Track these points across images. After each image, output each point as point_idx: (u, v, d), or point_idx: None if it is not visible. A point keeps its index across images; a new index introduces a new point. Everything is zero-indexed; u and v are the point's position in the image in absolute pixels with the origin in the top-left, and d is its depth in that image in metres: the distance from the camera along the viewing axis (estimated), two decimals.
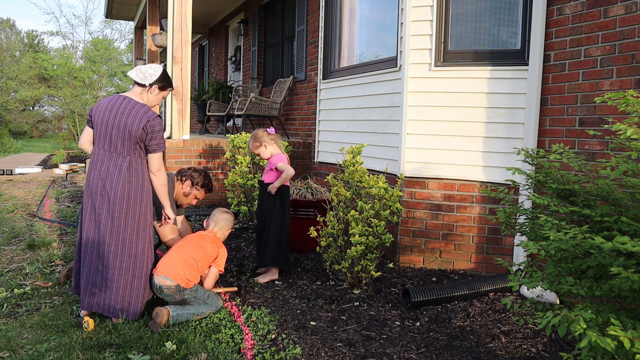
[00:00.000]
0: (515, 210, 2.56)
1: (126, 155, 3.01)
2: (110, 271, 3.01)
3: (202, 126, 9.69)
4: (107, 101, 3.08)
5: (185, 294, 3.11)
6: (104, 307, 3.03)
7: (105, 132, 3.01)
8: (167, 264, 3.13)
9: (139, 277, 3.07)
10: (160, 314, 2.96)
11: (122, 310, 3.04)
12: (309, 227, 3.89)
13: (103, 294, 3.02)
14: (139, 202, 3.04)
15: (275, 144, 3.95)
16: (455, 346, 2.81)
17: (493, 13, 4.11)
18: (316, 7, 7.00)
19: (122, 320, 3.02)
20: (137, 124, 2.97)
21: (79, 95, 21.91)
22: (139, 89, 3.11)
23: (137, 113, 2.99)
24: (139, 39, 12.32)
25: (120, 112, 3.00)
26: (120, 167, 2.99)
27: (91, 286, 3.03)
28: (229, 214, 3.57)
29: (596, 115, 3.37)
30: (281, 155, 3.90)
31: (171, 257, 3.17)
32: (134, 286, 3.05)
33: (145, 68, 3.11)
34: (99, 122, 3.03)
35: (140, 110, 3.01)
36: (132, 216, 3.03)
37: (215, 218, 3.53)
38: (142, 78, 3.08)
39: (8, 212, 6.35)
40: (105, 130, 3.01)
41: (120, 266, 3.02)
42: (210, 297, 3.23)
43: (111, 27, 31.52)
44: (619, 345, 1.60)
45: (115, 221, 3.00)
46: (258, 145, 3.91)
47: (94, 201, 3.02)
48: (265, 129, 3.96)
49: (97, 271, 3.02)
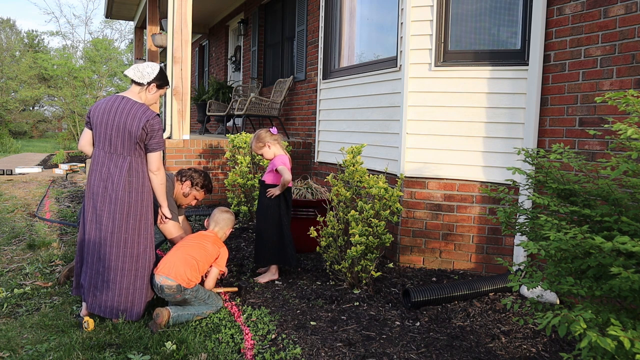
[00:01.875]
0: (515, 210, 2.56)
1: (126, 155, 3.00)
2: (112, 272, 3.01)
3: (202, 126, 9.69)
4: (105, 102, 3.07)
5: (186, 294, 3.10)
6: (106, 309, 3.03)
7: (104, 133, 3.01)
8: (169, 264, 3.13)
9: (141, 277, 3.07)
10: (161, 315, 2.96)
11: (125, 310, 3.04)
12: (309, 227, 3.89)
13: (105, 296, 3.01)
14: (140, 202, 3.04)
15: (278, 144, 3.93)
16: (455, 346, 2.81)
17: (493, 13, 4.11)
18: (316, 7, 7.00)
19: (122, 320, 3.02)
20: (137, 124, 2.96)
21: (79, 95, 21.92)
22: (137, 88, 3.11)
23: (136, 113, 2.99)
24: (139, 39, 12.31)
25: (119, 113, 2.99)
26: (121, 168, 2.99)
27: (93, 288, 3.03)
28: (230, 214, 3.57)
29: (596, 115, 3.37)
30: (283, 157, 3.87)
31: (172, 257, 3.17)
32: (137, 286, 3.05)
33: (142, 67, 3.10)
34: (97, 124, 3.02)
35: (139, 110, 3.00)
36: (133, 217, 3.03)
37: (216, 218, 3.53)
38: (139, 77, 3.07)
39: (8, 212, 6.35)
40: (104, 132, 3.00)
41: (123, 267, 3.02)
42: (211, 297, 3.22)
43: (111, 27, 31.54)
44: (619, 345, 1.60)
45: (117, 222, 3.00)
46: (262, 146, 3.89)
47: (95, 203, 3.02)
48: (268, 129, 3.94)
49: (98, 274, 3.02)
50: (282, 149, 3.96)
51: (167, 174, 3.90)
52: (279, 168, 3.78)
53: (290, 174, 3.77)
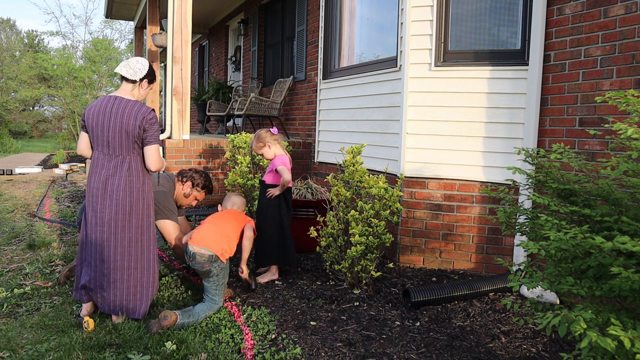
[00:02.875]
0: (515, 210, 2.56)
1: (125, 155, 3.00)
2: (119, 272, 3.00)
3: (202, 126, 9.69)
4: (98, 104, 3.04)
5: (214, 267, 3.19)
6: (116, 308, 3.03)
7: (101, 135, 2.99)
8: (205, 236, 3.26)
9: (147, 274, 3.08)
10: (169, 318, 2.95)
11: (134, 309, 3.05)
12: (309, 227, 3.89)
13: (113, 295, 3.01)
14: (141, 201, 3.04)
15: (279, 145, 3.94)
16: (455, 346, 2.81)
17: (493, 13, 4.11)
18: (316, 7, 7.00)
19: (124, 319, 3.02)
20: (133, 122, 2.95)
21: (79, 95, 21.92)
22: (129, 85, 3.08)
23: (131, 111, 2.97)
24: (139, 39, 12.31)
25: (114, 114, 2.97)
26: (121, 168, 2.98)
27: (100, 289, 3.02)
28: (242, 197, 3.79)
29: (596, 115, 3.37)
30: (284, 157, 3.87)
31: (207, 230, 3.31)
32: (143, 282, 3.07)
33: (132, 63, 3.08)
34: (94, 126, 3.00)
35: (134, 108, 2.98)
36: (135, 216, 3.02)
37: (232, 200, 3.73)
38: (132, 74, 3.06)
39: (8, 212, 6.35)
40: (101, 134, 2.99)
41: (129, 265, 3.02)
42: (219, 289, 3.26)
43: (111, 27, 31.53)
44: (619, 345, 1.60)
45: (119, 223, 2.99)
46: (262, 146, 3.89)
47: (95, 205, 3.01)
48: (268, 129, 3.94)
49: (103, 275, 3.01)
50: (282, 149, 3.96)
51: (168, 174, 3.90)
52: (279, 168, 3.78)
53: (290, 174, 3.78)
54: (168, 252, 4.49)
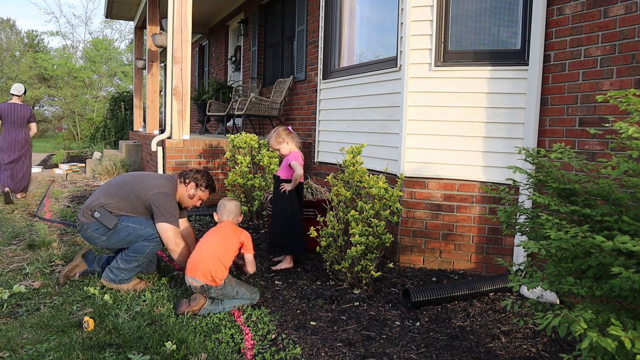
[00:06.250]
0: (515, 210, 2.56)
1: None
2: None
3: (202, 126, 9.69)
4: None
5: (212, 293, 3.21)
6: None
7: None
8: (193, 265, 3.25)
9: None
10: (197, 300, 3.16)
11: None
12: (309, 227, 3.89)
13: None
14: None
15: (294, 142, 4.18)
16: (455, 346, 2.81)
17: (493, 13, 4.11)
18: (316, 7, 7.00)
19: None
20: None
21: (79, 95, 21.93)
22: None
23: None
24: (139, 39, 12.32)
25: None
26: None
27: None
28: (235, 201, 3.69)
29: (596, 115, 3.37)
30: (297, 154, 4.12)
31: (196, 257, 3.29)
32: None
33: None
34: None
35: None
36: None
37: (227, 208, 3.58)
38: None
39: (8, 212, 6.35)
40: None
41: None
42: (240, 293, 3.29)
43: (111, 27, 31.54)
44: (620, 345, 1.60)
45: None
46: (281, 142, 4.12)
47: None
48: (287, 127, 4.21)
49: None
50: (296, 146, 4.21)
51: (168, 175, 3.89)
52: (292, 164, 4.04)
53: (302, 170, 4.04)
54: (168, 253, 4.49)
